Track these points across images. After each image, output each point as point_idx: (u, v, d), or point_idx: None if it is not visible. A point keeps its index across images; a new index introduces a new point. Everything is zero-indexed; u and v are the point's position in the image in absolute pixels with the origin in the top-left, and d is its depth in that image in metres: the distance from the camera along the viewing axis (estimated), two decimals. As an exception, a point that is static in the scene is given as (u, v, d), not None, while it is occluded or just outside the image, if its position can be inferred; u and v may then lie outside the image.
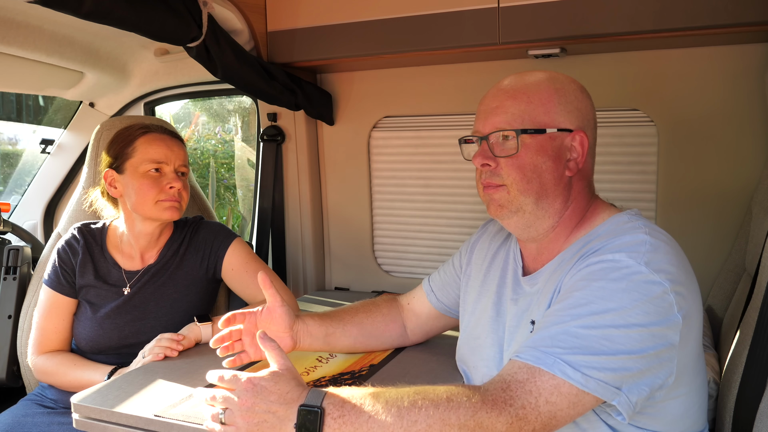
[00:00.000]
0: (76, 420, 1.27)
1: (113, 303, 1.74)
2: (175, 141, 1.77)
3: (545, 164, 1.17)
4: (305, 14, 2.02)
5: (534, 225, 1.21)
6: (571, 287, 1.07)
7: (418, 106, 2.21)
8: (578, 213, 1.22)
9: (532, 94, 1.18)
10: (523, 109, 1.18)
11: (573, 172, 1.20)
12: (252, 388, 1.02)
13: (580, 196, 1.22)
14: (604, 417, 1.06)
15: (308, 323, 1.45)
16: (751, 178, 1.78)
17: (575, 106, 1.20)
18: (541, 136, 1.17)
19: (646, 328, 0.99)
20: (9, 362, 2.08)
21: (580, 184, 1.22)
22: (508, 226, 1.25)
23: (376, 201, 2.37)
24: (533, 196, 1.18)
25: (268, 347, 1.11)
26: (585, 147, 1.19)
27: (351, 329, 1.51)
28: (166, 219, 1.73)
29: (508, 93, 1.20)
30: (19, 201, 2.85)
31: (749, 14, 1.52)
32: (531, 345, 1.02)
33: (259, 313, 1.41)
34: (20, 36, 1.86)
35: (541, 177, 1.17)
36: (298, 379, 1.06)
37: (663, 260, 1.04)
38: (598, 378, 0.97)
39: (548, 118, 1.18)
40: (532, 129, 1.16)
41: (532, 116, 1.17)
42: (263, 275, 1.36)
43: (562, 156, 1.19)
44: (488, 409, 0.96)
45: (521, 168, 1.17)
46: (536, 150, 1.17)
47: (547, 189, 1.18)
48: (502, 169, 1.19)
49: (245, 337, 1.40)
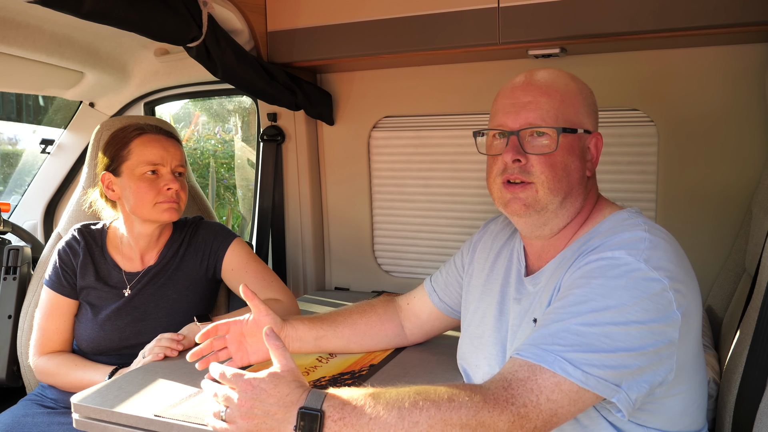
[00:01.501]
0: (76, 420, 1.26)
1: (114, 305, 1.74)
2: (171, 141, 1.76)
3: (573, 164, 1.18)
4: (305, 14, 2.02)
5: (550, 223, 1.21)
6: (571, 284, 1.08)
7: (418, 106, 2.21)
8: (587, 211, 1.24)
9: (564, 93, 1.18)
10: (557, 107, 1.17)
11: (591, 173, 1.23)
12: (251, 390, 1.01)
13: (591, 195, 1.24)
14: (605, 414, 1.07)
15: (297, 327, 1.45)
16: (751, 178, 1.77)
17: (593, 109, 1.23)
18: (572, 136, 1.18)
19: (645, 325, 0.99)
20: (9, 362, 2.08)
21: (592, 184, 1.25)
22: (524, 224, 1.23)
23: (376, 201, 2.37)
24: (561, 195, 1.17)
25: (272, 346, 1.09)
26: (599, 149, 1.23)
27: (343, 330, 1.50)
28: (165, 220, 1.73)
29: (542, 89, 1.18)
30: (19, 201, 2.85)
31: (749, 14, 1.52)
32: (531, 342, 1.02)
33: (245, 322, 1.40)
34: (20, 36, 1.86)
35: (569, 177, 1.18)
36: (299, 380, 1.05)
37: (662, 257, 1.04)
38: (598, 375, 0.97)
39: (577, 118, 1.19)
40: (570, 128, 1.17)
41: (566, 115, 1.17)
42: (245, 287, 1.35)
43: (585, 157, 1.21)
44: (490, 408, 0.96)
45: (554, 166, 1.16)
46: (568, 149, 1.17)
47: (573, 189, 1.19)
48: (533, 166, 1.16)
49: (231, 345, 1.40)
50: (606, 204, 1.25)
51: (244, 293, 1.36)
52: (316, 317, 1.51)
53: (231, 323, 1.40)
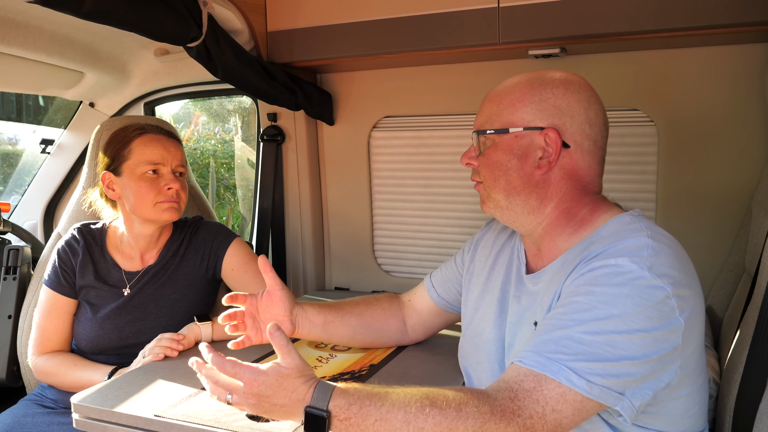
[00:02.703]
0: (76, 420, 1.27)
1: (113, 304, 1.74)
2: (171, 141, 1.76)
3: (510, 162, 1.20)
4: (305, 14, 2.02)
5: (517, 220, 1.24)
6: (574, 291, 1.07)
7: (418, 106, 2.21)
8: (569, 212, 1.20)
9: (504, 96, 1.23)
10: (493, 111, 1.23)
11: (545, 170, 1.19)
12: (256, 386, 1.02)
13: (566, 194, 1.20)
14: (605, 417, 1.07)
15: (307, 310, 1.48)
16: (751, 178, 1.77)
17: (551, 104, 1.18)
18: (506, 136, 1.21)
19: (648, 333, 0.99)
20: (9, 362, 2.08)
21: (564, 182, 1.20)
22: (500, 219, 1.30)
23: (376, 201, 2.37)
24: (502, 192, 1.22)
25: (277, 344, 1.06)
26: (558, 144, 1.17)
27: (350, 319, 1.53)
28: (165, 220, 1.73)
29: (488, 97, 1.27)
30: (19, 201, 2.84)
31: (749, 14, 1.52)
32: (534, 350, 1.02)
33: (260, 297, 1.45)
34: (20, 36, 1.86)
35: (507, 174, 1.21)
36: (305, 375, 1.04)
37: (665, 264, 1.04)
38: (602, 384, 0.97)
39: (515, 117, 1.20)
40: (493, 129, 1.22)
41: (500, 117, 1.22)
42: (263, 258, 1.42)
43: (530, 154, 1.19)
44: (497, 420, 0.96)
45: (489, 166, 1.23)
46: (502, 149, 1.21)
47: (515, 186, 1.21)
48: (480, 167, 1.26)
49: (247, 319, 1.44)
50: (605, 205, 1.22)
51: (262, 265, 1.42)
52: (324, 303, 1.54)
53: (248, 296, 1.45)
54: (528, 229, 1.25)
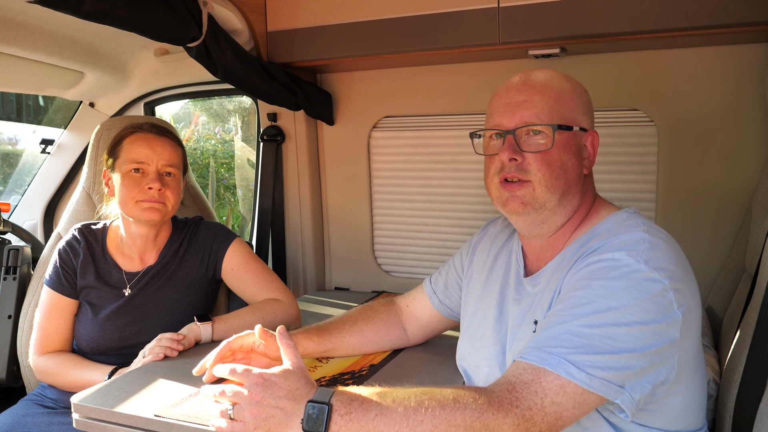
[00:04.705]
0: (76, 420, 1.26)
1: (114, 304, 1.74)
2: (160, 141, 1.74)
3: (570, 161, 1.18)
4: (305, 14, 2.02)
5: (548, 221, 1.21)
6: (572, 286, 1.08)
7: (418, 106, 2.21)
8: (585, 211, 1.24)
9: (558, 91, 1.19)
10: (552, 105, 1.18)
11: (588, 171, 1.23)
12: (262, 382, 1.03)
13: (588, 194, 1.24)
14: (606, 415, 1.07)
15: (305, 346, 1.44)
16: (751, 178, 1.77)
17: (588, 107, 1.24)
18: (568, 133, 1.18)
19: (647, 325, 1.00)
20: (9, 362, 2.08)
21: (589, 182, 1.25)
22: (523, 222, 1.22)
23: (376, 201, 2.37)
24: (559, 192, 1.17)
25: (284, 344, 1.13)
26: (596, 147, 1.23)
27: (350, 339, 1.51)
28: (145, 220, 1.71)
29: (536, 88, 1.19)
30: (19, 201, 2.85)
31: (749, 14, 1.52)
32: (535, 346, 1.03)
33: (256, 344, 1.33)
34: (20, 36, 1.86)
35: (567, 174, 1.18)
36: (308, 378, 1.07)
37: (662, 258, 1.05)
38: (602, 377, 0.97)
39: (572, 116, 1.19)
40: (565, 125, 1.17)
41: (561, 112, 1.18)
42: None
43: (581, 154, 1.21)
44: (494, 411, 0.96)
45: (550, 164, 1.16)
46: (564, 147, 1.17)
47: (570, 186, 1.19)
48: (529, 164, 1.17)
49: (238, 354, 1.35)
50: (603, 204, 1.26)
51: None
52: (322, 329, 1.49)
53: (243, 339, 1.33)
54: (552, 230, 1.22)
